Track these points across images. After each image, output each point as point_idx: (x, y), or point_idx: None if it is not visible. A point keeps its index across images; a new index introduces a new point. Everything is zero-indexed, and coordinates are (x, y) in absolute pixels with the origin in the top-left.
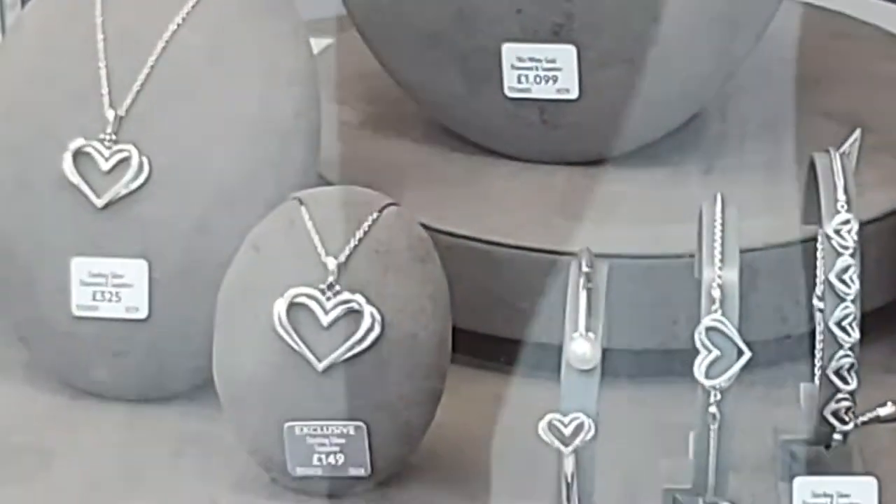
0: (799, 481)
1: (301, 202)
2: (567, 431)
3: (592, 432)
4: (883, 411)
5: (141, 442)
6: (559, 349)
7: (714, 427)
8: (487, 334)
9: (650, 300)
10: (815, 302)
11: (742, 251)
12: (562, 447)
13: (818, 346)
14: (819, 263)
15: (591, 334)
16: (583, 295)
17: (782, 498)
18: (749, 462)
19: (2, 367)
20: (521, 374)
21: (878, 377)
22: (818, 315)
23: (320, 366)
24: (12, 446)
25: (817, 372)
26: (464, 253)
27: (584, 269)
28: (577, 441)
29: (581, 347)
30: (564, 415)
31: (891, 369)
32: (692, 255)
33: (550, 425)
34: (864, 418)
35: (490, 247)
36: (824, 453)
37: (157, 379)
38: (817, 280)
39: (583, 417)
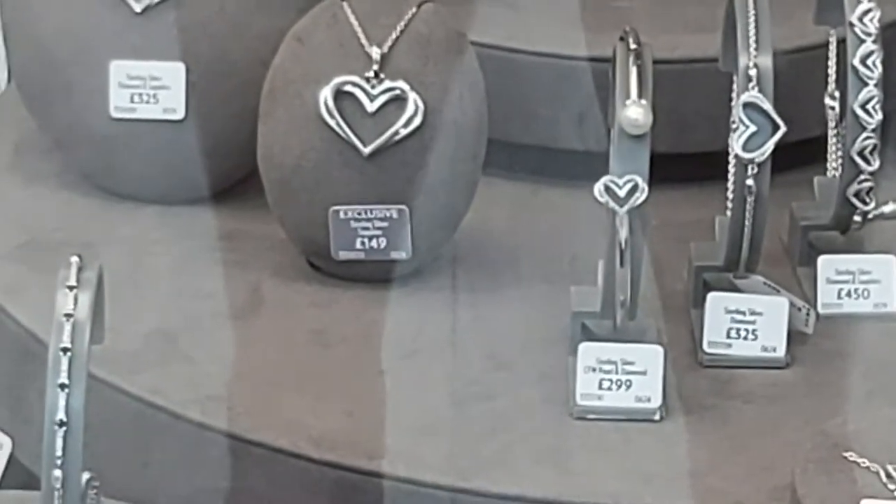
0: (823, 259)
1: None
2: (621, 193)
3: (645, 194)
4: (888, 209)
5: (179, 238)
6: (577, 154)
7: (750, 200)
8: (507, 141)
9: (667, 105)
10: (827, 101)
11: None
12: (617, 208)
13: (831, 143)
14: (831, 63)
15: (642, 100)
16: (633, 68)
17: (803, 280)
18: (764, 253)
19: (37, 174)
20: (540, 180)
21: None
22: (830, 113)
23: (366, 150)
24: (55, 241)
25: (831, 165)
26: (484, 61)
27: (632, 46)
28: (631, 202)
29: (634, 113)
30: (619, 177)
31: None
32: (709, 60)
33: (606, 187)
34: (870, 216)
35: (511, 54)
36: (839, 239)
37: (193, 180)
38: (829, 80)
39: (637, 179)
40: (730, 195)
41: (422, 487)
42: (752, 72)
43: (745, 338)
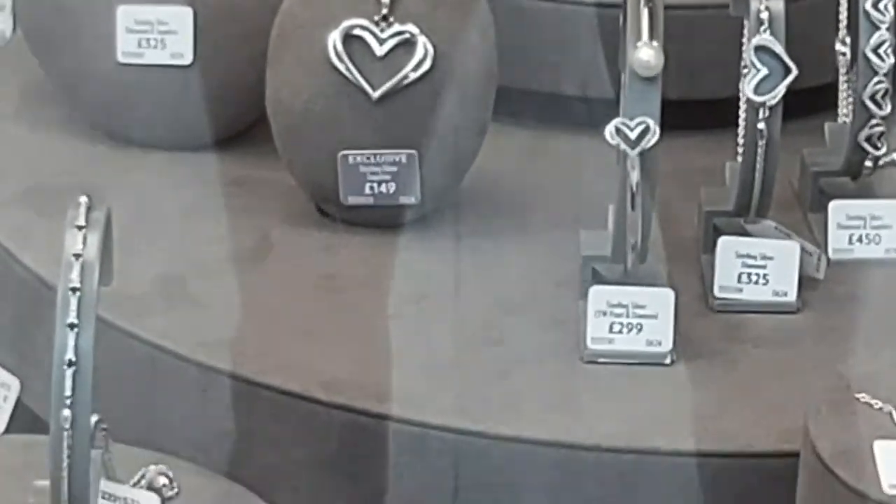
0: (834, 204)
1: None
2: (633, 135)
3: (656, 136)
4: None
5: (185, 184)
6: (584, 101)
7: (762, 144)
8: (514, 88)
9: (676, 52)
10: (838, 46)
11: None
12: (628, 150)
13: (842, 88)
14: (842, 8)
15: (654, 42)
16: (644, 10)
17: (814, 226)
18: (775, 200)
19: (43, 121)
20: (547, 127)
21: None
22: (841, 59)
23: (375, 95)
24: (61, 186)
25: (842, 110)
26: (493, 7)
27: None
28: (643, 144)
29: (646, 54)
30: (630, 119)
31: None
32: (718, 6)
33: (617, 129)
34: (881, 162)
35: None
36: (850, 184)
37: (200, 126)
38: (839, 25)
39: (648, 121)
40: (740, 140)
41: (431, 430)
42: (764, 14)
43: (756, 282)
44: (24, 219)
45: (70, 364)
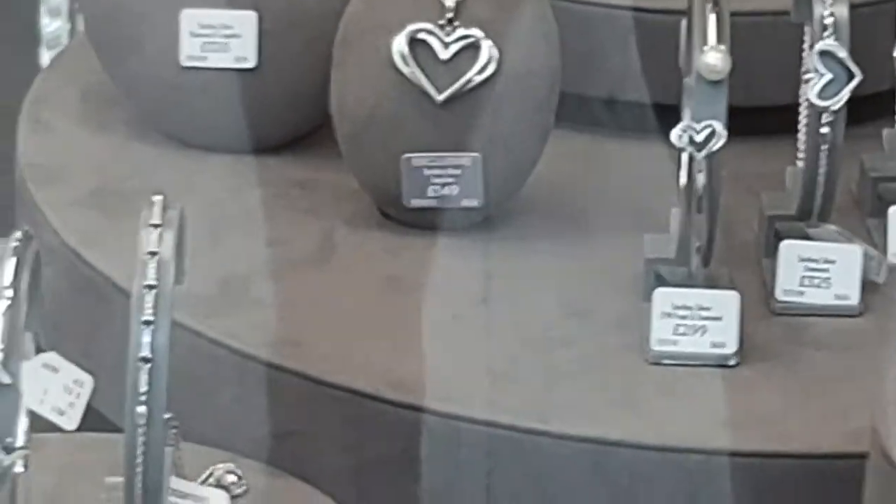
0: (893, 209)
1: None
2: (699, 138)
3: (723, 140)
4: None
5: (249, 186)
6: (644, 107)
7: (824, 148)
8: (575, 93)
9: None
10: None
11: None
12: (695, 153)
13: None
14: None
15: (721, 46)
16: (711, 14)
17: (873, 232)
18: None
19: (106, 124)
20: (608, 132)
21: None
22: None
23: (439, 98)
24: (126, 189)
25: None
26: (555, 12)
27: None
28: (709, 147)
29: (713, 58)
30: (696, 123)
31: None
32: (777, 13)
33: (684, 133)
34: None
35: (581, 6)
36: None
37: (264, 129)
38: None
39: (715, 125)
40: (801, 146)
41: (499, 430)
42: (829, 20)
43: (819, 286)
44: (91, 221)
45: (145, 361)
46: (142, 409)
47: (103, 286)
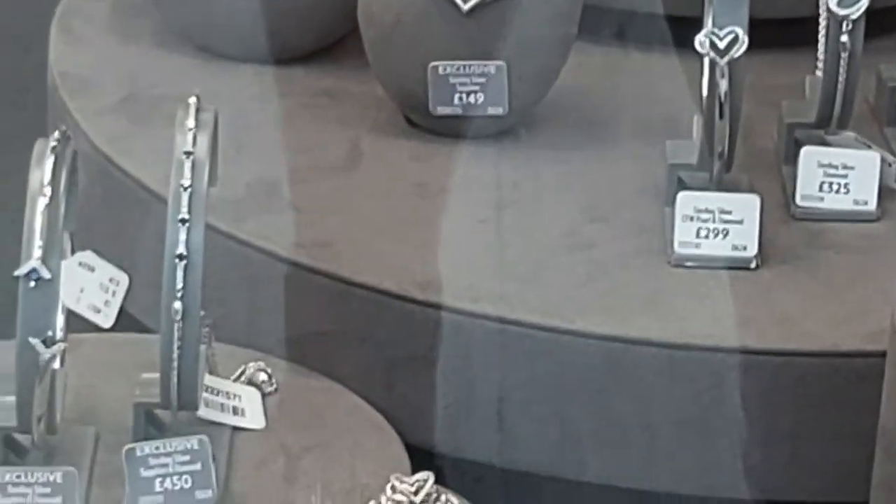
0: None
1: None
2: (722, 45)
3: (745, 46)
4: None
5: (276, 95)
6: (670, 19)
7: (844, 56)
8: (596, 5)
9: None
10: None
11: None
12: (717, 59)
13: None
14: None
15: None
16: None
17: (891, 140)
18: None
19: (134, 33)
20: (628, 44)
21: None
22: None
23: (465, 7)
24: (155, 96)
25: None
26: None
27: None
28: (732, 53)
29: None
30: (719, 29)
31: None
32: None
33: (707, 39)
34: None
35: None
36: None
37: (290, 39)
38: None
39: (737, 30)
40: (821, 55)
41: (526, 329)
42: None
43: (837, 191)
44: (121, 127)
45: (181, 258)
46: (178, 304)
47: (134, 190)
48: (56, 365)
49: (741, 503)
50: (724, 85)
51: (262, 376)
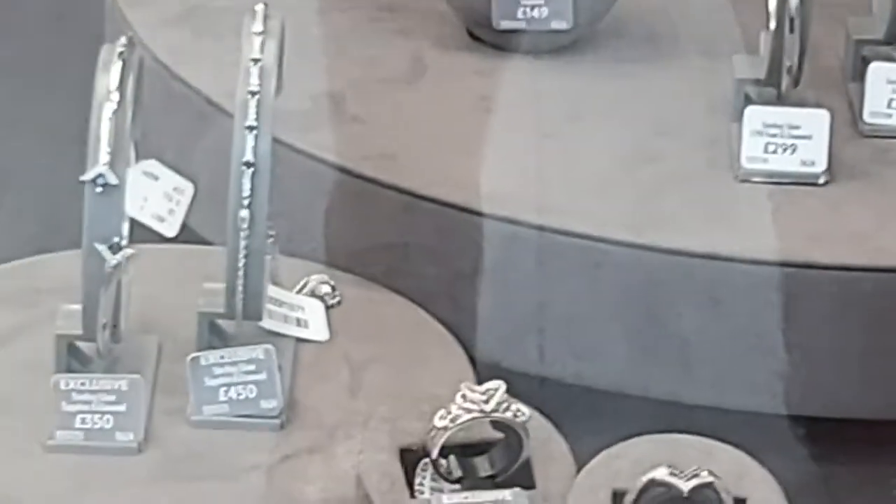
0: None
1: None
2: None
3: None
4: None
5: (339, 7)
6: None
7: None
8: None
9: None
10: None
11: None
12: None
13: None
14: None
15: None
16: None
17: None
18: None
19: None
20: None
21: None
22: None
23: None
24: (216, 8)
25: None
26: None
27: None
28: None
29: None
30: None
31: None
32: None
33: None
34: None
35: None
36: None
37: None
38: None
39: None
40: None
41: (594, 242)
42: None
43: None
44: (181, 38)
45: (248, 165)
46: (244, 213)
47: (195, 100)
48: (122, 272)
49: (810, 420)
50: None
51: (326, 288)
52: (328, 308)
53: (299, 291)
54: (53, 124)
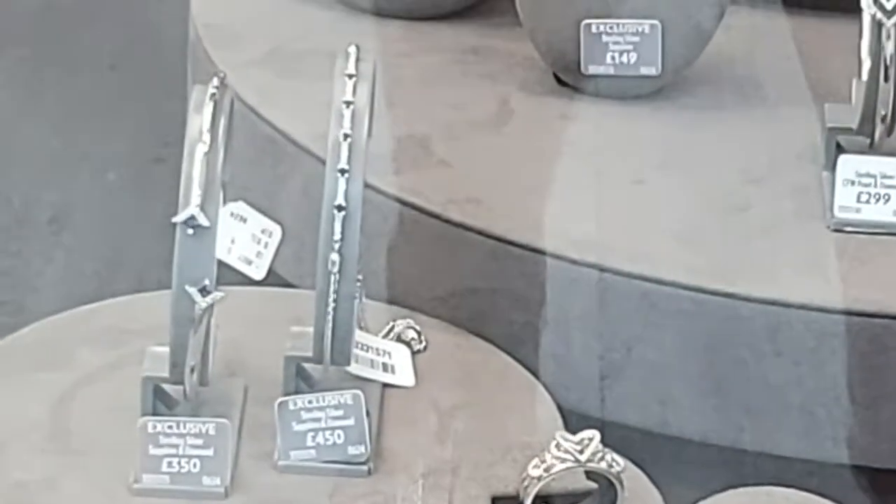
0: None
1: None
2: (889, 5)
3: None
4: None
5: (424, 51)
6: None
7: None
8: None
9: None
10: None
11: None
12: (884, 19)
13: None
14: None
15: None
16: None
17: None
18: None
19: None
20: (779, 7)
21: None
22: None
23: None
24: (300, 50)
25: None
26: None
27: None
28: None
29: None
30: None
31: None
32: None
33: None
34: None
35: None
36: None
37: None
38: None
39: None
40: None
41: (682, 290)
42: None
43: None
44: (266, 79)
45: (340, 209)
46: (335, 256)
47: (281, 143)
48: (210, 315)
49: None
50: (890, 47)
51: (412, 333)
52: (414, 353)
53: (385, 336)
54: (112, 164)
